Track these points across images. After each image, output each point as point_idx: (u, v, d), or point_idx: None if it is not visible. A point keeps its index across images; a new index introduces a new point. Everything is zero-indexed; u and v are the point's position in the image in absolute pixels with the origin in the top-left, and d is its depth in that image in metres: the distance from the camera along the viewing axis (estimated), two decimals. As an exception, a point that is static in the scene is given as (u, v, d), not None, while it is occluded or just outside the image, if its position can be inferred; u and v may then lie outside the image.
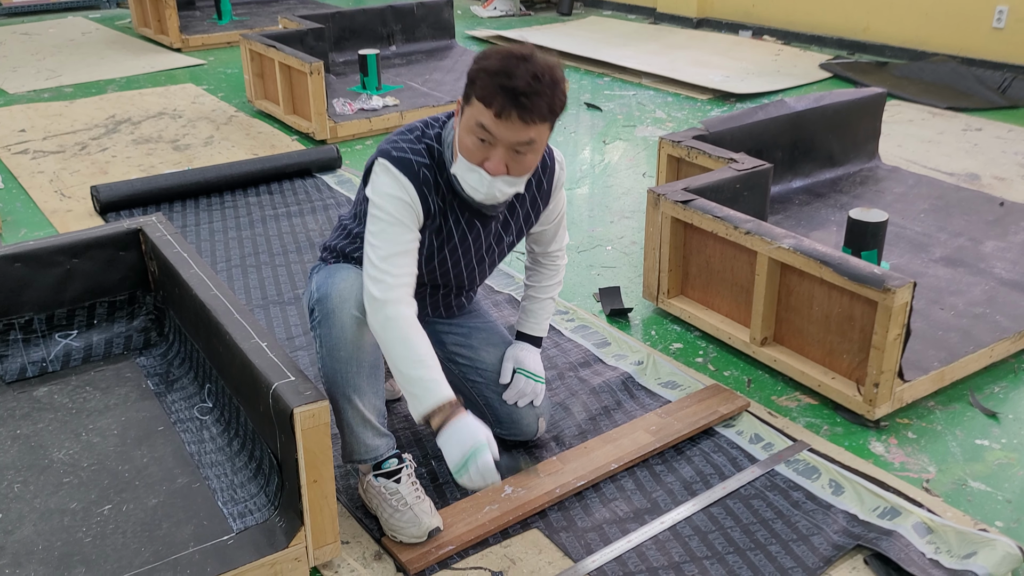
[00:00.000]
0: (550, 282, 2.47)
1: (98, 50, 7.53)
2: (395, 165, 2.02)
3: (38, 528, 2.09)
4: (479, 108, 1.90)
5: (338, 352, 2.05)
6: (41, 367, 2.71)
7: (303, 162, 4.56)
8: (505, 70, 1.86)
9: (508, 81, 1.85)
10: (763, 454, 2.46)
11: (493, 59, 1.90)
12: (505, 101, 1.86)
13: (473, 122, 1.92)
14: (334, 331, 2.04)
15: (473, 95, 1.91)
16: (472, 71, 1.92)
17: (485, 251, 2.26)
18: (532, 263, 2.48)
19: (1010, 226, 3.84)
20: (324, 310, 2.04)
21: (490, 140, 1.93)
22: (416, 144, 2.07)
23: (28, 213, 4.17)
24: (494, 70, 1.87)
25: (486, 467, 1.88)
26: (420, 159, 2.04)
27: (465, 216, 2.15)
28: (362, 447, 2.13)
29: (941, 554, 2.07)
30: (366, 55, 5.79)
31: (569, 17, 8.94)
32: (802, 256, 2.67)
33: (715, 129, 3.73)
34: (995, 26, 6.43)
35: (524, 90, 1.85)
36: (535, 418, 2.42)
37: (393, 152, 2.04)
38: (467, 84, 1.94)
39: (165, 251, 2.65)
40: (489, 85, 1.87)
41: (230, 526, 2.08)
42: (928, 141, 5.13)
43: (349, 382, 2.07)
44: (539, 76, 1.87)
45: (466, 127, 1.95)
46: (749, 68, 6.72)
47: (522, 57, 1.89)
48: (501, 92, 1.86)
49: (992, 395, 2.78)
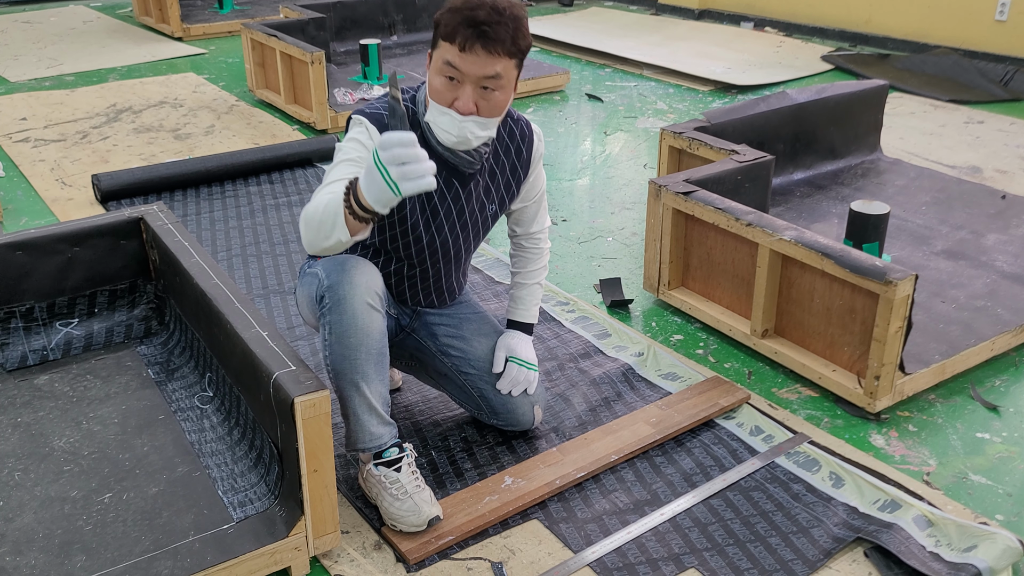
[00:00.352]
0: (535, 266, 2.50)
1: (99, 39, 7.51)
2: (368, 119, 2.10)
3: (38, 516, 2.09)
4: (445, 47, 1.98)
5: (348, 339, 2.05)
6: (42, 355, 2.71)
7: (304, 152, 4.56)
8: (467, 4, 1.96)
9: (470, 13, 1.94)
10: (763, 446, 2.46)
11: (456, 0, 1.99)
12: (468, 33, 1.94)
13: (440, 62, 2.00)
14: (345, 317, 2.04)
15: (439, 36, 2.00)
16: (437, 15, 2.01)
17: (468, 217, 2.28)
18: (516, 249, 2.51)
19: (1012, 219, 3.83)
20: (335, 297, 2.04)
21: (458, 77, 1.99)
22: (383, 100, 2.14)
23: (29, 201, 4.17)
24: (456, 7, 1.97)
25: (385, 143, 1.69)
26: (390, 116, 2.08)
27: (443, 175, 2.18)
28: (366, 435, 2.13)
29: (941, 547, 2.07)
30: (367, 45, 5.77)
31: (570, 8, 8.92)
32: (803, 248, 2.66)
33: (717, 120, 3.72)
34: (998, 19, 6.41)
35: (486, 20, 1.94)
36: (531, 407, 2.43)
37: (367, 110, 2.13)
38: (433, 29, 2.03)
39: (166, 240, 2.65)
40: (452, 21, 1.96)
41: (230, 515, 2.08)
42: (930, 134, 5.12)
43: (357, 369, 2.07)
44: (500, 10, 1.96)
45: (435, 69, 2.03)
46: (751, 60, 6.71)
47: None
48: (464, 25, 1.94)
49: (993, 388, 2.78)
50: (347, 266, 2.07)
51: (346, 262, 2.09)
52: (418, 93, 2.17)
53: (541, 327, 3.06)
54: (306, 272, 2.26)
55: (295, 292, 2.36)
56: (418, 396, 2.65)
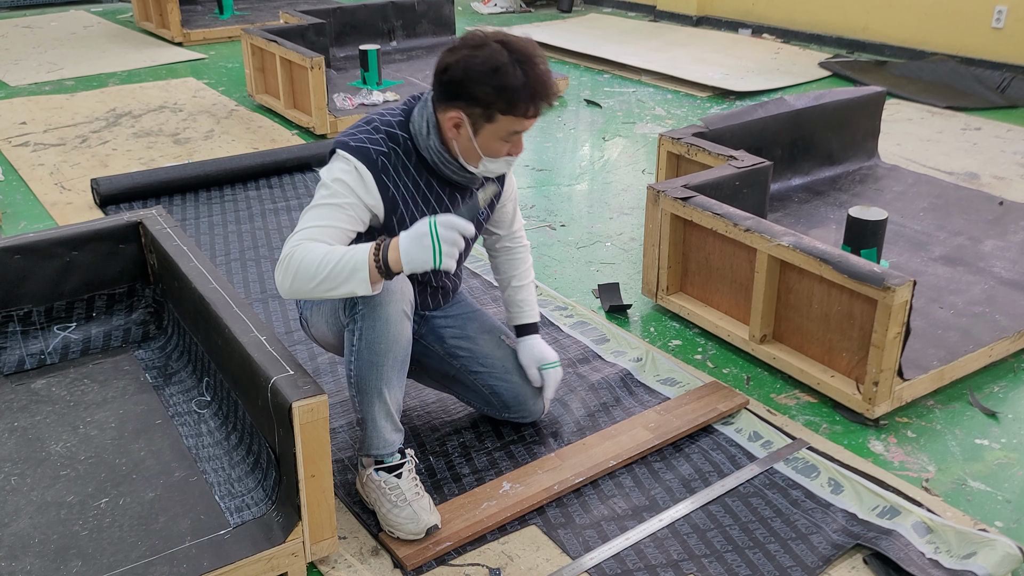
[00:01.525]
0: (526, 265, 2.54)
1: (99, 44, 7.51)
2: (353, 154, 2.07)
3: (34, 521, 2.08)
4: (510, 120, 2.01)
5: (378, 345, 2.06)
6: (39, 359, 2.70)
7: (303, 156, 4.56)
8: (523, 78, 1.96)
9: (531, 85, 1.97)
10: (762, 452, 2.46)
11: (494, 74, 1.96)
12: (537, 103, 2.00)
13: (504, 132, 2.04)
14: (378, 324, 2.04)
15: (497, 112, 2.00)
16: (480, 92, 1.98)
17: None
18: (503, 253, 2.53)
19: (1009, 225, 3.84)
20: (370, 303, 2.04)
21: (517, 133, 2.06)
22: (374, 134, 2.12)
23: (28, 205, 4.17)
24: (512, 84, 1.96)
25: (449, 223, 1.87)
26: (378, 147, 2.09)
27: (446, 191, 2.20)
28: (381, 441, 2.14)
29: (940, 554, 2.07)
30: (367, 50, 5.78)
31: (569, 14, 8.93)
32: (802, 254, 2.66)
33: (715, 126, 3.72)
34: (994, 26, 6.42)
35: (545, 85, 2.00)
36: (539, 397, 2.49)
37: (351, 142, 2.10)
38: (478, 104, 2.00)
39: (165, 244, 2.65)
40: (518, 98, 1.98)
41: (227, 520, 2.07)
42: (927, 140, 5.13)
43: (383, 376, 2.08)
44: (544, 67, 2.01)
45: (494, 137, 2.05)
46: (749, 66, 6.72)
47: (519, 59, 1.98)
48: (531, 99, 1.99)
49: (992, 394, 2.78)
50: None
51: None
52: (408, 120, 2.15)
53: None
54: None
55: (301, 314, 2.34)
56: (416, 401, 2.65)
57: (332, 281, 1.90)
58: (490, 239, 2.52)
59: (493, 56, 1.97)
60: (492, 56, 1.97)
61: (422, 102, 2.14)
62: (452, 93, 2.02)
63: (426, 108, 2.11)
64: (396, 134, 2.13)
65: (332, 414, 2.55)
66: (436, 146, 2.11)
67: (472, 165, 2.12)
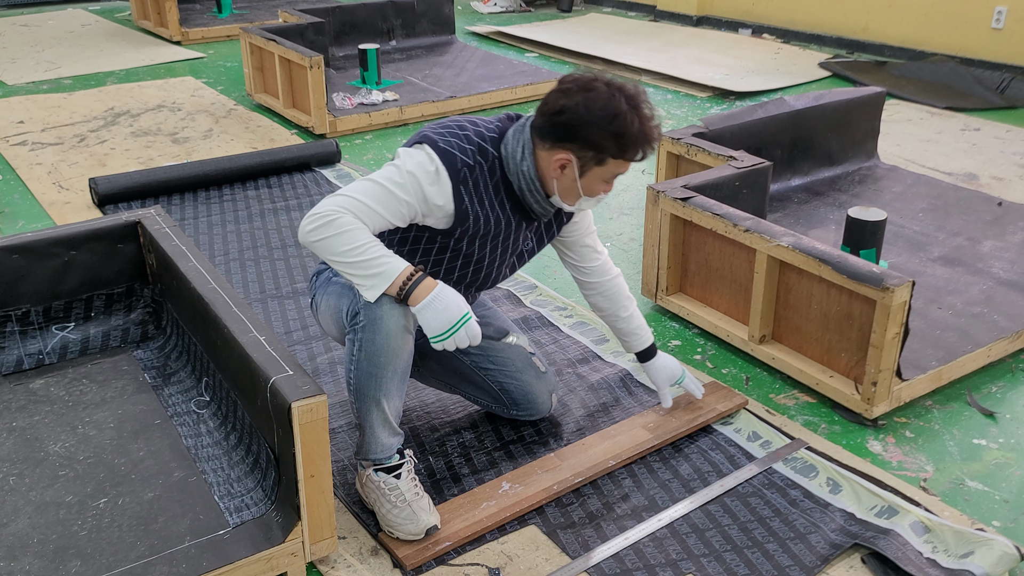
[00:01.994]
0: (624, 293, 2.50)
1: (97, 42, 7.51)
2: (439, 155, 2.05)
3: (33, 521, 2.08)
4: (618, 163, 2.06)
5: (377, 358, 2.05)
6: (38, 359, 2.70)
7: (302, 156, 4.56)
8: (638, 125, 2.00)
9: (647, 132, 2.02)
10: (761, 452, 2.46)
11: (624, 122, 1.99)
12: (646, 148, 2.05)
13: (610, 175, 2.09)
14: (378, 338, 2.03)
15: (609, 156, 2.03)
16: (600, 137, 2.00)
17: (524, 251, 2.31)
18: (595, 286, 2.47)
19: (1008, 226, 3.84)
20: (371, 316, 2.02)
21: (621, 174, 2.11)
22: (465, 143, 2.09)
23: (26, 205, 4.16)
24: (629, 131, 1.99)
25: (472, 330, 1.99)
26: (466, 158, 2.07)
27: (516, 218, 2.19)
28: (378, 446, 2.14)
29: (938, 553, 2.07)
30: (366, 50, 5.78)
31: (569, 14, 8.93)
32: (801, 254, 2.66)
33: (715, 127, 3.73)
34: (994, 26, 6.43)
35: (654, 131, 2.04)
36: (548, 394, 2.49)
37: (440, 143, 2.07)
38: (593, 148, 2.03)
39: (163, 244, 2.65)
40: (632, 144, 2.01)
41: (226, 520, 2.07)
42: (927, 140, 5.13)
43: (382, 387, 2.08)
44: (651, 111, 2.05)
45: (599, 178, 2.09)
46: (749, 66, 6.72)
47: (633, 104, 2.01)
48: (643, 144, 2.03)
49: (990, 395, 2.78)
50: None
51: None
52: (503, 142, 2.12)
53: (539, 332, 3.06)
54: (332, 281, 2.22)
55: (312, 298, 2.32)
56: (415, 402, 2.65)
57: (354, 268, 1.95)
58: (581, 276, 2.47)
59: (611, 102, 1.99)
60: (610, 102, 1.99)
61: (519, 126, 2.13)
62: (566, 135, 2.02)
63: (523, 134, 2.10)
64: (487, 150, 2.11)
65: (331, 414, 2.55)
66: (530, 174, 2.10)
67: (568, 203, 2.15)
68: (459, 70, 6.27)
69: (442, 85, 5.88)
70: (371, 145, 5.07)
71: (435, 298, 1.96)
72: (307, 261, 3.58)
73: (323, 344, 2.96)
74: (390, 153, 4.90)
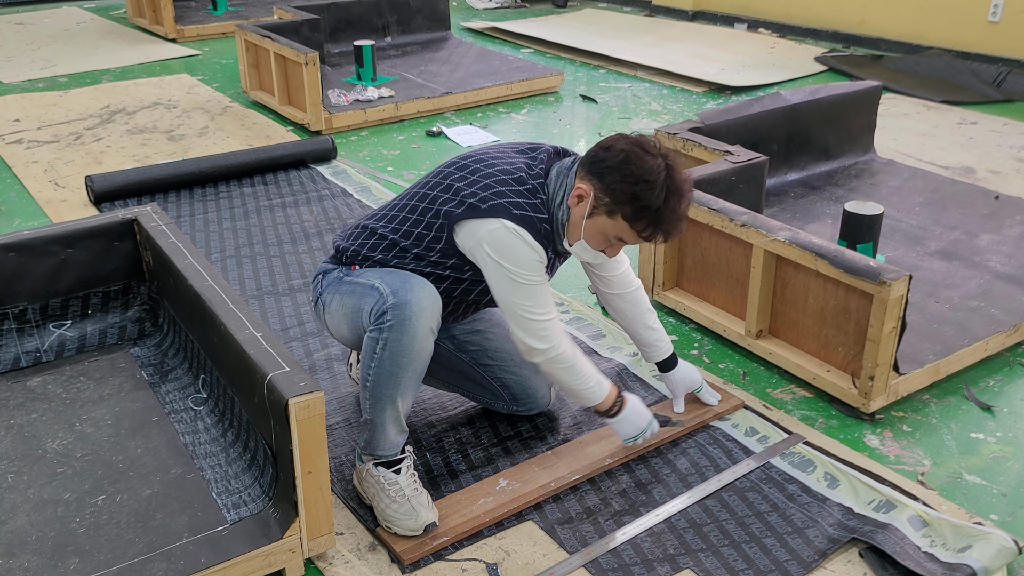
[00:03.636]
0: (645, 305, 2.50)
1: (93, 40, 7.49)
2: (522, 226, 2.06)
3: (31, 518, 2.08)
4: (626, 227, 2.04)
5: (401, 358, 2.06)
6: (35, 357, 2.70)
7: (298, 153, 4.55)
8: (668, 209, 2.00)
9: (667, 216, 2.01)
10: (758, 447, 2.46)
11: (650, 193, 1.98)
12: (656, 231, 2.03)
13: (613, 234, 2.07)
14: (404, 339, 2.04)
15: (621, 215, 2.03)
16: (622, 191, 2.00)
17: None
18: (616, 299, 2.47)
19: (1005, 220, 3.84)
20: (400, 317, 2.03)
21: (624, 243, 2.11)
22: (531, 199, 2.10)
23: (22, 203, 4.16)
24: (649, 204, 1.99)
25: (654, 430, 2.32)
26: (539, 215, 2.10)
27: (551, 258, 2.21)
28: (387, 443, 2.15)
29: (936, 547, 2.07)
30: (361, 46, 5.77)
31: (564, 9, 8.92)
32: (798, 249, 2.67)
33: (711, 121, 3.72)
34: (990, 20, 6.43)
35: (673, 223, 2.04)
36: (547, 387, 2.51)
37: (514, 211, 2.07)
38: (611, 197, 2.02)
39: (159, 241, 2.64)
40: (644, 217, 2.01)
41: (224, 517, 2.07)
42: (923, 135, 5.13)
43: (400, 386, 2.09)
44: (685, 209, 2.05)
45: (603, 231, 2.08)
46: (744, 61, 6.71)
47: (671, 187, 2.00)
48: (654, 224, 2.02)
49: (987, 388, 2.79)
50: (414, 285, 2.07)
51: (411, 280, 2.09)
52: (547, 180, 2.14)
53: (536, 328, 3.06)
54: (345, 281, 2.22)
55: (319, 296, 2.30)
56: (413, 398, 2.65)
57: (576, 392, 2.24)
58: (599, 287, 2.47)
59: (652, 170, 1.98)
60: (652, 169, 1.99)
61: (564, 167, 2.14)
62: (599, 171, 2.03)
63: (567, 178, 2.12)
64: (544, 201, 2.13)
65: (328, 410, 2.55)
66: (561, 220, 2.13)
67: (567, 240, 2.14)
68: (455, 66, 6.27)
69: (438, 81, 5.88)
70: (367, 142, 5.06)
71: (631, 411, 2.28)
72: (303, 258, 3.58)
73: (320, 341, 2.95)
74: (385, 150, 4.90)
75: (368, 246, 2.24)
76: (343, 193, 4.24)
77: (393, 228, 2.22)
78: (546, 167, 2.16)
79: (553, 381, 2.27)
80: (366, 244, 2.25)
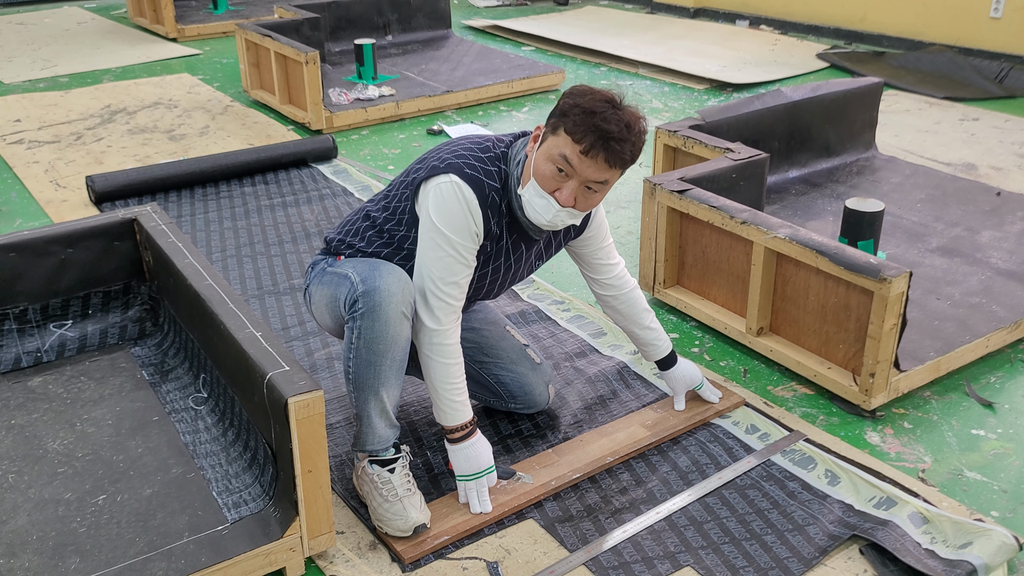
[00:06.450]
0: (641, 305, 2.49)
1: (94, 40, 7.49)
2: (470, 184, 2.06)
3: (32, 518, 2.09)
4: (566, 140, 1.98)
5: (376, 345, 2.05)
6: (36, 357, 2.70)
7: (299, 152, 4.55)
8: (600, 112, 1.95)
9: (603, 123, 1.94)
10: (759, 444, 2.46)
11: (588, 98, 1.98)
12: (595, 140, 1.95)
13: (556, 152, 2.00)
14: (377, 325, 2.04)
15: (562, 127, 1.99)
16: (565, 104, 2.00)
17: (524, 269, 2.32)
18: (611, 299, 2.47)
19: (1007, 216, 3.83)
20: (370, 304, 2.03)
21: (568, 172, 2.00)
22: (488, 165, 2.10)
23: (23, 203, 4.16)
24: (589, 109, 1.96)
25: (483, 494, 2.19)
26: (491, 182, 2.09)
27: (513, 237, 2.20)
28: (375, 437, 2.14)
29: (937, 544, 2.07)
30: (362, 45, 5.77)
31: (566, 7, 8.91)
32: (798, 246, 2.66)
33: (712, 119, 3.72)
34: (992, 16, 6.42)
35: (616, 135, 1.95)
36: (544, 386, 2.49)
37: (466, 169, 2.07)
38: (556, 115, 2.01)
39: (160, 241, 2.65)
40: (582, 123, 1.96)
41: (225, 516, 2.07)
42: (925, 131, 5.13)
43: (380, 375, 2.08)
44: (630, 125, 1.98)
45: (547, 155, 2.02)
46: (746, 58, 6.71)
47: (615, 103, 1.98)
48: (593, 132, 1.95)
49: (988, 385, 2.78)
50: (383, 272, 2.07)
51: (381, 267, 2.09)
52: (510, 151, 2.14)
53: (537, 326, 3.06)
54: (327, 271, 2.23)
55: (307, 288, 2.32)
56: (413, 396, 2.65)
57: (438, 395, 2.16)
58: (595, 288, 2.47)
59: (601, 94, 1.99)
60: (601, 94, 1.99)
61: (525, 140, 2.15)
62: (553, 112, 2.04)
63: (525, 148, 2.12)
64: (502, 169, 2.12)
65: (328, 410, 2.55)
66: (519, 171, 2.11)
67: (521, 186, 2.09)
68: (455, 64, 6.26)
69: (438, 80, 5.87)
70: (367, 140, 5.06)
71: (475, 449, 2.18)
72: (304, 257, 3.58)
73: (320, 340, 2.96)
74: (386, 148, 4.90)
75: (353, 231, 2.28)
76: (344, 192, 4.24)
77: (382, 206, 2.26)
78: (517, 139, 2.18)
79: (426, 372, 2.15)
80: (351, 231, 2.29)
